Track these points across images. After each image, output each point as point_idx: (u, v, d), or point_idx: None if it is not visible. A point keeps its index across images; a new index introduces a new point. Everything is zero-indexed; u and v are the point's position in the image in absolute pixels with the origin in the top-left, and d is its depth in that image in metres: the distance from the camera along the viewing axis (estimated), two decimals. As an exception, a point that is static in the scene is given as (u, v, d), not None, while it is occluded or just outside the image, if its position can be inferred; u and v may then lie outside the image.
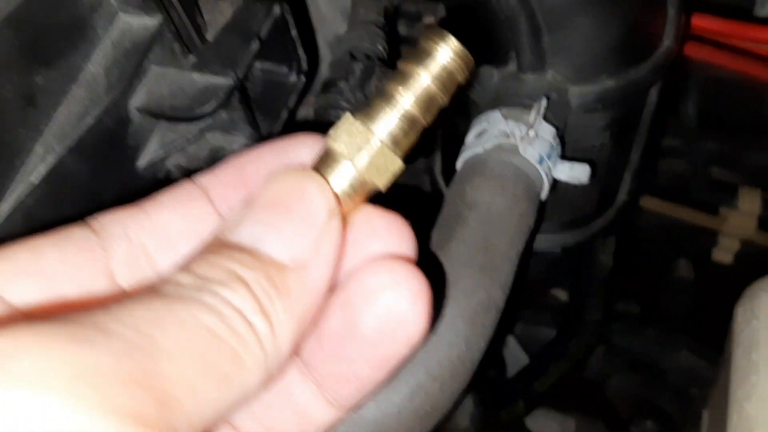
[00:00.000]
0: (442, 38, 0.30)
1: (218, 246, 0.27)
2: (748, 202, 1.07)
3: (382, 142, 0.30)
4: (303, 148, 0.31)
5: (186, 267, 0.26)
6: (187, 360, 0.22)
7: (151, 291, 0.24)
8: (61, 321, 0.21)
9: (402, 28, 0.84)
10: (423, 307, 0.28)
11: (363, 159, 0.30)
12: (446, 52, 0.30)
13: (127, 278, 0.30)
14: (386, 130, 0.30)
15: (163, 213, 0.31)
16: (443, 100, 0.31)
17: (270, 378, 0.25)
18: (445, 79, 0.30)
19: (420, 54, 0.30)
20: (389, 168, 0.30)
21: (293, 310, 0.26)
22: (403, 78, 0.30)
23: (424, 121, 0.31)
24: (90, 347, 0.20)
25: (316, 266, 0.27)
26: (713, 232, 1.10)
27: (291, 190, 0.28)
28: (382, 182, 0.30)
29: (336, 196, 0.29)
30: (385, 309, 0.28)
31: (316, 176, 0.29)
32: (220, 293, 0.24)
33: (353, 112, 0.30)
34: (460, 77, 0.31)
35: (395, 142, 0.30)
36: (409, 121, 0.30)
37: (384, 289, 0.28)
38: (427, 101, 0.30)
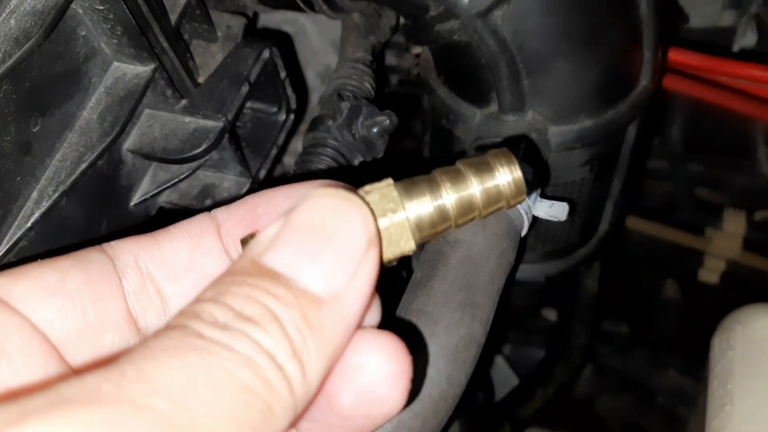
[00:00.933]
0: (509, 164, 0.31)
1: (253, 271, 0.26)
2: (733, 223, 1.09)
3: (408, 219, 0.30)
4: None
5: (220, 298, 0.25)
6: (219, 424, 0.22)
7: (184, 332, 0.24)
8: (95, 402, 0.21)
9: (391, 59, 0.86)
10: (402, 388, 0.28)
11: (383, 224, 0.30)
12: (506, 177, 0.31)
13: (137, 305, 0.31)
14: (417, 211, 0.30)
15: (173, 244, 0.32)
16: (480, 213, 0.31)
17: (296, 420, 0.25)
18: (493, 197, 0.31)
19: (482, 165, 0.31)
20: (401, 246, 0.30)
21: (325, 348, 0.26)
22: (456, 177, 0.31)
23: (453, 223, 0.31)
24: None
25: (351, 299, 0.27)
26: (699, 253, 1.12)
27: (333, 213, 0.27)
28: (387, 255, 0.30)
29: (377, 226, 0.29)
30: (364, 389, 0.28)
31: (359, 201, 0.28)
32: (254, 336, 0.24)
33: (396, 181, 0.30)
34: (506, 203, 0.31)
35: (419, 226, 0.30)
36: (442, 216, 0.30)
37: (364, 369, 0.28)
38: (466, 207, 0.31)
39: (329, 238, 0.27)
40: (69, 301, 0.29)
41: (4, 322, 0.28)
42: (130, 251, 0.32)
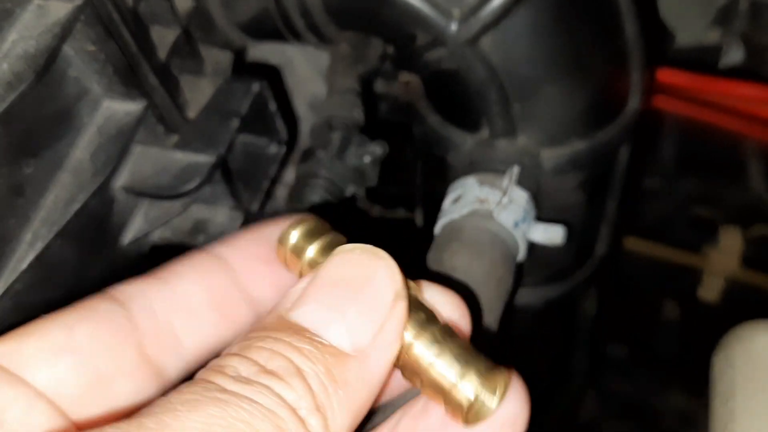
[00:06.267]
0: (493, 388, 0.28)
1: (279, 326, 0.27)
2: (729, 239, 1.09)
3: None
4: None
5: (245, 353, 0.26)
6: None
7: (206, 386, 0.24)
8: None
9: (379, 86, 0.86)
10: None
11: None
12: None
13: (155, 350, 0.31)
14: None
15: (185, 284, 0.32)
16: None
17: None
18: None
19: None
20: None
21: (349, 404, 0.26)
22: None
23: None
24: None
25: (377, 354, 0.27)
26: (697, 271, 1.12)
27: (359, 268, 0.28)
28: None
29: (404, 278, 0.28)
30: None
31: (384, 255, 0.28)
32: (277, 390, 0.24)
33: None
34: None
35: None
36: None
37: None
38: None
39: (355, 292, 0.27)
40: (79, 356, 0.29)
41: (2, 393, 0.27)
42: (143, 294, 0.31)
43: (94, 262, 0.50)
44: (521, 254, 0.53)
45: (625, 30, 0.56)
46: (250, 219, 0.58)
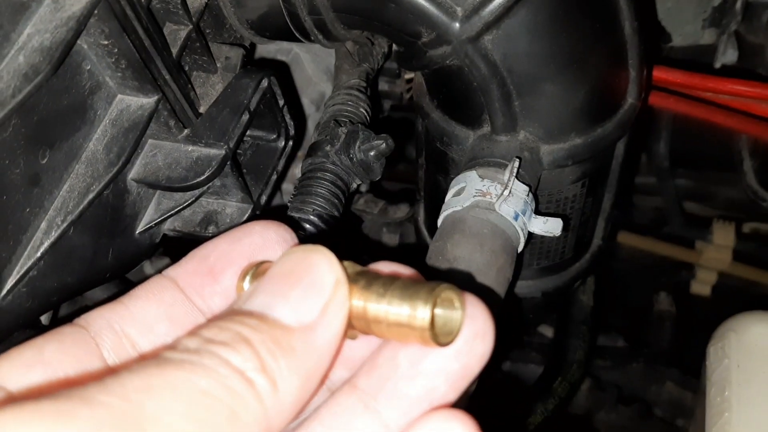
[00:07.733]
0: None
1: (230, 313, 0.29)
2: (722, 235, 1.11)
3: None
4: (254, 235, 0.35)
5: (194, 331, 0.28)
6: (176, 423, 0.24)
7: (152, 357, 0.26)
8: (49, 397, 0.23)
9: (383, 85, 0.88)
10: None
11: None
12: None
13: (117, 359, 0.33)
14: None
15: (139, 303, 0.35)
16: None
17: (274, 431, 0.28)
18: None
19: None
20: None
21: (298, 367, 0.28)
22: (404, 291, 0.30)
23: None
24: (71, 420, 0.22)
25: (323, 329, 0.29)
26: (690, 266, 1.14)
27: (300, 262, 0.31)
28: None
29: (344, 269, 0.31)
30: None
31: (324, 249, 0.31)
32: (221, 354, 0.26)
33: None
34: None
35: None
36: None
37: None
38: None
39: (297, 279, 0.30)
40: (49, 369, 0.31)
41: None
42: (102, 317, 0.34)
43: (108, 250, 0.51)
44: (521, 245, 0.55)
45: (624, 27, 0.57)
46: (259, 211, 0.59)
